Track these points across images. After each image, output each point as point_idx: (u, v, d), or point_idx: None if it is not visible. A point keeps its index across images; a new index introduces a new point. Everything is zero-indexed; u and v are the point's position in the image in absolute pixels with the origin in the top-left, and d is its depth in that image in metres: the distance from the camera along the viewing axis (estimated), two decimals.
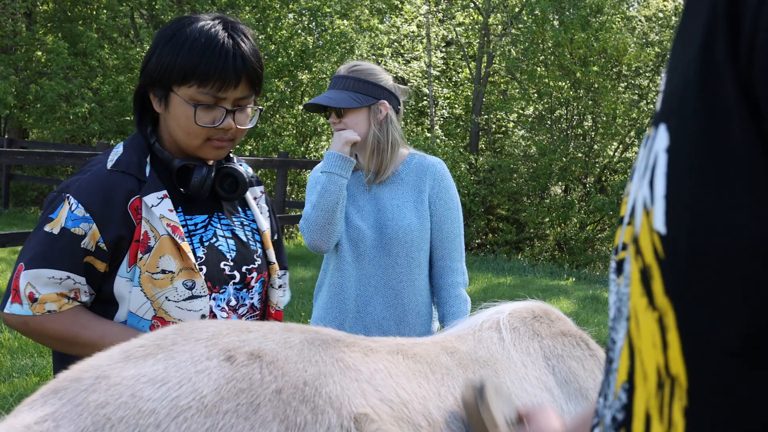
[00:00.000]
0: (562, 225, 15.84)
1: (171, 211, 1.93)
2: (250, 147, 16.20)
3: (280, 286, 2.19)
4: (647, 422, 0.65)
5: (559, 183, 16.68)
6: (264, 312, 2.17)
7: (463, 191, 15.59)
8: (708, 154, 0.59)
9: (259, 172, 15.70)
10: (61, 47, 16.25)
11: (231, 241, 2.06)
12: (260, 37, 16.28)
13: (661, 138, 0.64)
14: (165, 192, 1.95)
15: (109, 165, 1.96)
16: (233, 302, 2.02)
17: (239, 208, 2.17)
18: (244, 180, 2.09)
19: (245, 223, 2.15)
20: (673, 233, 0.62)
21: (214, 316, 1.96)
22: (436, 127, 18.75)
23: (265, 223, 2.20)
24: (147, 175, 1.96)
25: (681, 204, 0.61)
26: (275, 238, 2.29)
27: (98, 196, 1.89)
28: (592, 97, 15.95)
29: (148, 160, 1.99)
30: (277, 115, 17.01)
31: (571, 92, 16.10)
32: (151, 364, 1.31)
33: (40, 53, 17.94)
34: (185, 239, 1.93)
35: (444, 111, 19.66)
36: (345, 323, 2.82)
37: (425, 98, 19.96)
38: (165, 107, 1.98)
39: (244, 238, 2.10)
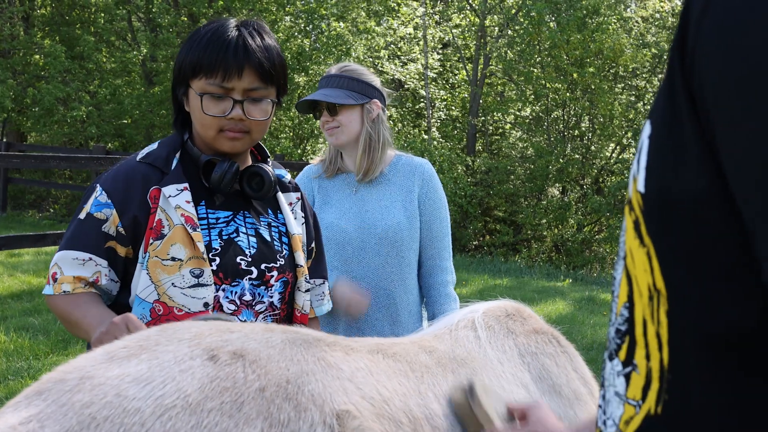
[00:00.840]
0: (560, 226, 15.86)
1: (188, 202, 2.03)
2: None
3: (307, 290, 2.23)
4: (644, 325, 0.92)
5: (557, 184, 16.70)
6: (290, 314, 2.21)
7: (459, 193, 15.61)
8: (670, 137, 0.86)
9: None
10: (58, 51, 16.29)
11: (253, 239, 2.12)
12: None
13: (646, 129, 0.90)
14: (186, 185, 2.05)
15: (139, 157, 2.11)
16: (248, 297, 2.07)
17: (269, 211, 2.23)
18: (270, 180, 2.14)
19: (273, 224, 2.21)
20: (648, 192, 0.89)
21: (220, 306, 2.02)
22: (433, 129, 18.77)
23: (296, 228, 2.25)
24: (172, 168, 2.08)
25: (653, 171, 0.88)
26: (312, 246, 2.35)
27: (121, 183, 2.04)
28: (588, 98, 15.99)
29: (177, 155, 2.11)
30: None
31: (568, 93, 16.13)
32: (135, 364, 1.32)
33: (37, 57, 17.97)
34: (198, 230, 2.01)
35: (441, 113, 19.68)
36: (338, 328, 2.82)
37: (422, 100, 19.99)
38: (187, 102, 2.11)
39: (268, 238, 2.16)
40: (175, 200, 2.01)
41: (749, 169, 0.75)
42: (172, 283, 1.97)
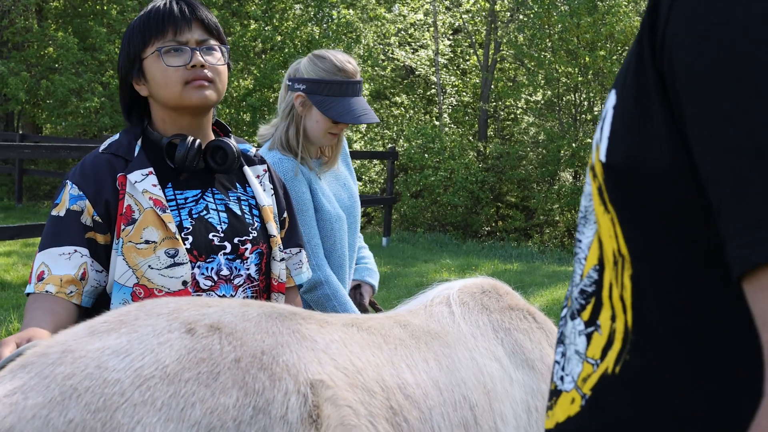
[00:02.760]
0: (572, 211, 15.83)
1: (155, 186, 2.07)
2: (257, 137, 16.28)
3: (282, 259, 2.28)
4: (610, 288, 0.97)
5: (569, 169, 16.66)
6: (267, 284, 2.27)
7: (471, 179, 15.60)
8: (636, 111, 0.89)
9: None
10: (71, 43, 16.40)
11: (223, 214, 2.17)
12: (266, 28, 16.34)
13: (611, 98, 0.95)
14: (150, 169, 2.10)
15: (101, 149, 2.15)
16: (225, 272, 2.12)
17: (237, 185, 2.28)
18: (233, 152, 2.18)
19: (242, 198, 2.25)
20: (610, 161, 0.94)
21: (197, 283, 2.07)
22: (444, 115, 18.76)
23: (266, 199, 2.29)
24: (135, 155, 2.12)
25: (618, 143, 0.92)
26: (284, 216, 2.39)
27: (89, 175, 2.07)
28: (600, 82, 15.91)
29: (139, 142, 2.15)
30: None
31: (580, 77, 16.07)
32: (114, 337, 1.37)
33: (51, 49, 18.10)
34: (167, 211, 2.06)
35: (452, 99, 19.65)
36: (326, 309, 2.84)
37: (433, 87, 19.97)
38: (145, 80, 2.13)
39: (239, 212, 2.21)
40: (142, 185, 2.06)
41: (719, 153, 0.77)
42: (149, 266, 2.01)
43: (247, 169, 2.32)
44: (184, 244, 2.07)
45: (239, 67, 16.58)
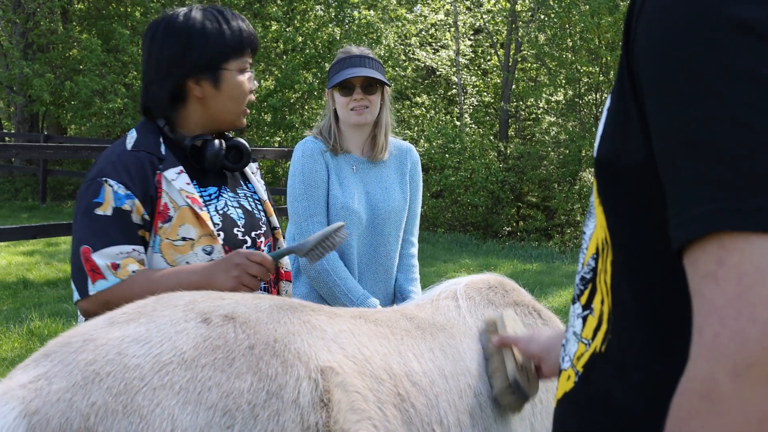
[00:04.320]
0: None
1: (188, 184, 2.14)
2: (279, 138, 16.36)
3: None
4: (602, 274, 1.08)
5: (590, 169, 16.55)
6: (276, 275, 2.37)
7: (491, 179, 15.56)
8: (619, 111, 0.99)
9: (288, 162, 15.82)
10: (95, 44, 16.56)
11: (239, 210, 2.26)
12: (288, 30, 16.40)
13: (607, 102, 1.05)
14: (181, 167, 2.16)
15: (130, 147, 2.16)
16: None
17: (241, 182, 2.37)
18: (248, 151, 2.30)
19: (248, 194, 2.35)
20: (600, 157, 1.05)
21: None
22: (465, 115, 18.73)
23: (264, 194, 2.41)
24: (163, 153, 2.17)
25: (606, 140, 1.03)
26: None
27: (134, 174, 2.09)
28: None
29: (161, 140, 2.20)
30: (306, 107, 17.14)
31: (601, 77, 15.97)
32: (133, 327, 1.43)
33: (75, 51, 18.28)
34: (204, 209, 2.12)
35: (473, 99, 19.61)
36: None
37: (454, 87, 19.94)
38: (214, 86, 2.19)
39: (250, 207, 2.31)
40: (177, 183, 2.12)
41: (664, 145, 0.88)
42: (187, 262, 2.08)
43: (246, 167, 2.42)
44: (218, 241, 2.13)
45: (260, 68, 16.66)
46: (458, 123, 18.12)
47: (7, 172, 18.75)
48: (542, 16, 17.28)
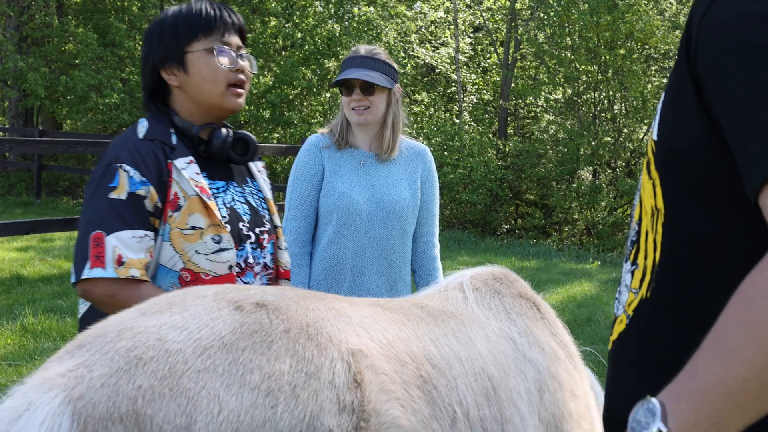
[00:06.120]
0: (591, 209, 15.69)
1: (198, 174, 2.15)
2: (277, 135, 16.26)
3: (285, 248, 2.43)
4: (646, 235, 1.33)
5: (588, 167, 16.52)
6: (276, 272, 2.39)
7: (490, 176, 15.54)
8: (677, 101, 1.24)
9: (287, 159, 15.77)
10: (91, 38, 16.44)
11: (245, 206, 2.27)
12: (287, 26, 16.31)
13: (662, 98, 1.30)
14: (191, 158, 2.17)
15: (141, 135, 2.16)
16: (251, 260, 2.24)
17: (247, 179, 2.38)
18: (254, 143, 2.30)
19: (253, 191, 2.36)
20: (660, 139, 1.29)
21: (239, 267, 2.18)
22: (465, 113, 18.67)
23: (269, 193, 2.43)
24: (174, 142, 2.18)
25: (664, 124, 1.28)
26: None
27: (148, 161, 2.10)
28: (619, 80, 15.75)
29: (172, 130, 2.21)
30: (305, 103, 17.06)
31: (599, 76, 15.92)
32: (168, 315, 1.45)
33: (71, 45, 18.16)
34: (212, 199, 2.13)
35: (472, 97, 19.56)
36: (340, 293, 2.96)
37: (453, 84, 19.88)
38: (183, 71, 2.18)
39: (255, 204, 2.32)
40: (187, 172, 2.13)
41: (741, 110, 1.07)
42: (196, 251, 2.09)
43: (251, 164, 2.44)
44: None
45: (259, 64, 16.56)
46: (457, 121, 18.07)
47: (1, 167, 18.60)
48: (541, 15, 17.25)
